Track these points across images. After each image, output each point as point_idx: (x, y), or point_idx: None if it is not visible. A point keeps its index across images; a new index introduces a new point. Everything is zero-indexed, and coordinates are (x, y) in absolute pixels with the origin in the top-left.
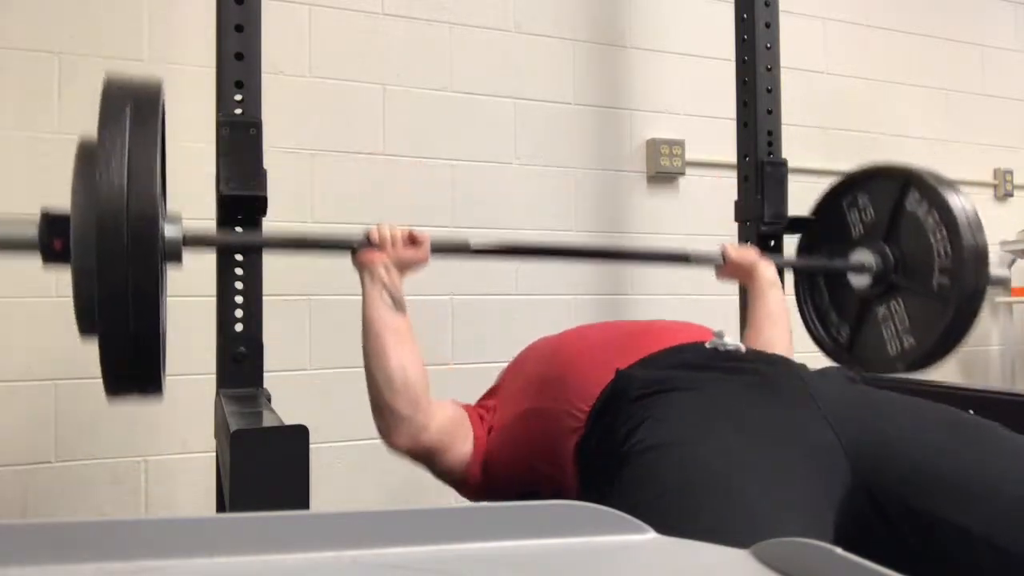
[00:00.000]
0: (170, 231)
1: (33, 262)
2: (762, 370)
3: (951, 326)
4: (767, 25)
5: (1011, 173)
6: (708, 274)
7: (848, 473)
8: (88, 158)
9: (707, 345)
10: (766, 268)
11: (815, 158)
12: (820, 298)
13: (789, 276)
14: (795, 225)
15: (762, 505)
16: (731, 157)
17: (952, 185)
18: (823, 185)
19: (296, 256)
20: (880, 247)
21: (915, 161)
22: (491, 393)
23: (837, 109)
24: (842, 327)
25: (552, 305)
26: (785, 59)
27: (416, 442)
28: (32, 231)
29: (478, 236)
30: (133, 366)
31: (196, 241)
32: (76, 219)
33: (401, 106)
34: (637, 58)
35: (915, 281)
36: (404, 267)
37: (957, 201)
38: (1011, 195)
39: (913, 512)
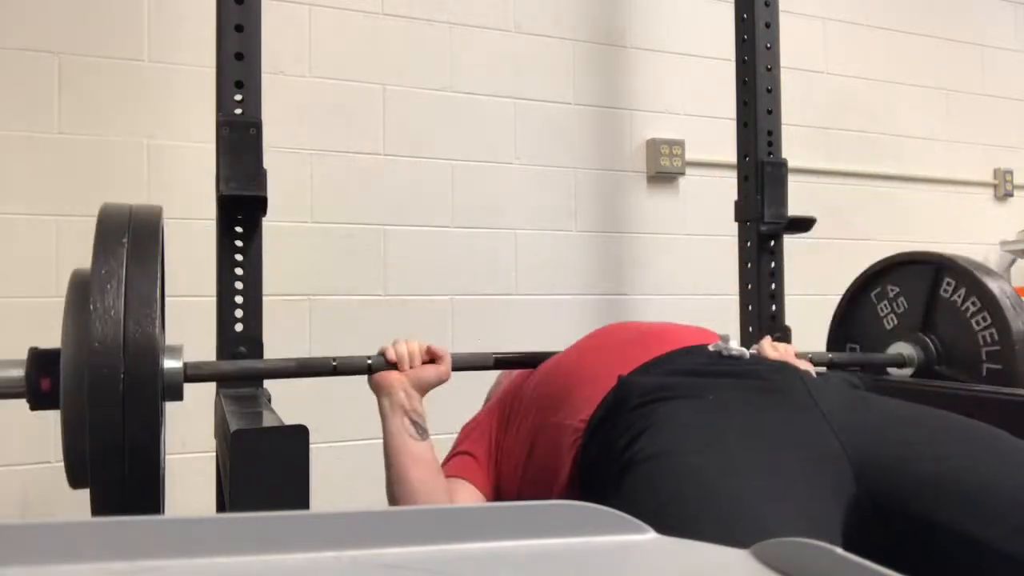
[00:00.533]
0: (170, 365)
1: (33, 264)
2: (765, 376)
3: None
4: (767, 25)
5: (1011, 173)
6: (708, 275)
7: (852, 480)
8: (81, 291)
9: (710, 348)
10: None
11: (815, 158)
12: None
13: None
14: (795, 225)
15: (766, 515)
16: (731, 157)
17: (986, 269)
18: (823, 185)
19: (296, 255)
20: (919, 338)
21: (916, 162)
22: (489, 414)
23: (837, 109)
24: None
25: (552, 305)
26: (785, 59)
27: None
28: (18, 373)
29: (500, 351)
30: None
31: (197, 375)
32: (67, 358)
33: (401, 106)
34: (637, 58)
35: (962, 371)
36: (424, 387)
37: (995, 285)
38: (1011, 195)
39: (916, 519)
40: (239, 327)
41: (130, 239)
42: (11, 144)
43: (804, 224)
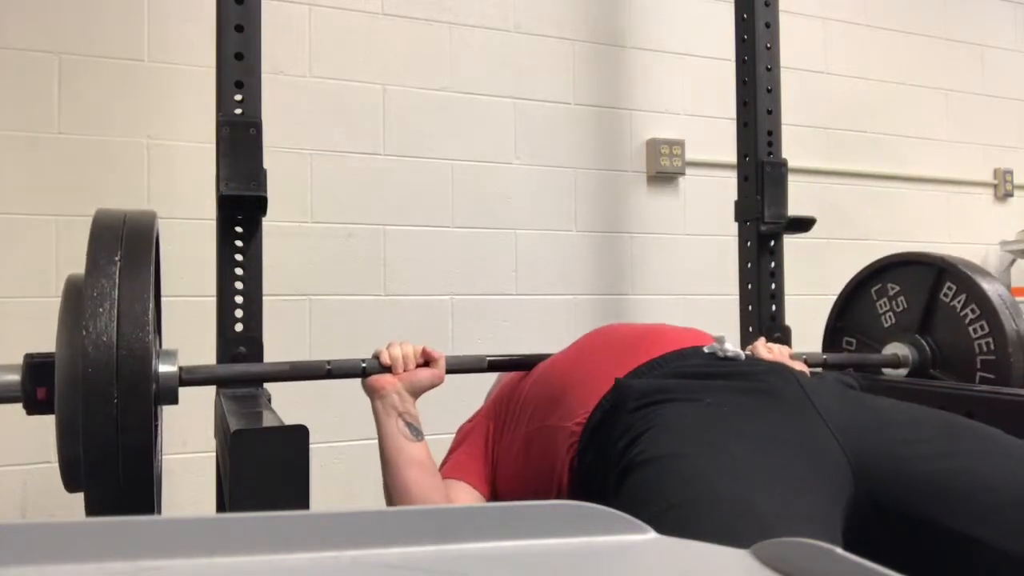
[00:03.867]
0: (164, 369)
1: (33, 265)
2: (762, 378)
3: None
4: (767, 25)
5: (1011, 173)
6: (708, 275)
7: (850, 480)
8: (75, 301)
9: (705, 350)
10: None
11: (815, 158)
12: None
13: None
14: (795, 225)
15: (768, 517)
16: (731, 157)
17: (985, 273)
18: (823, 185)
19: (296, 255)
20: (915, 340)
21: (915, 161)
22: (485, 416)
23: (837, 109)
24: None
25: (552, 305)
26: (785, 59)
27: None
28: (14, 378)
29: (493, 354)
30: None
31: (192, 379)
32: (61, 366)
33: (401, 106)
34: (637, 58)
35: (956, 377)
36: (418, 390)
37: (994, 291)
38: (1011, 195)
39: (915, 518)
40: (239, 327)
41: (123, 249)
42: (11, 144)
43: (804, 224)
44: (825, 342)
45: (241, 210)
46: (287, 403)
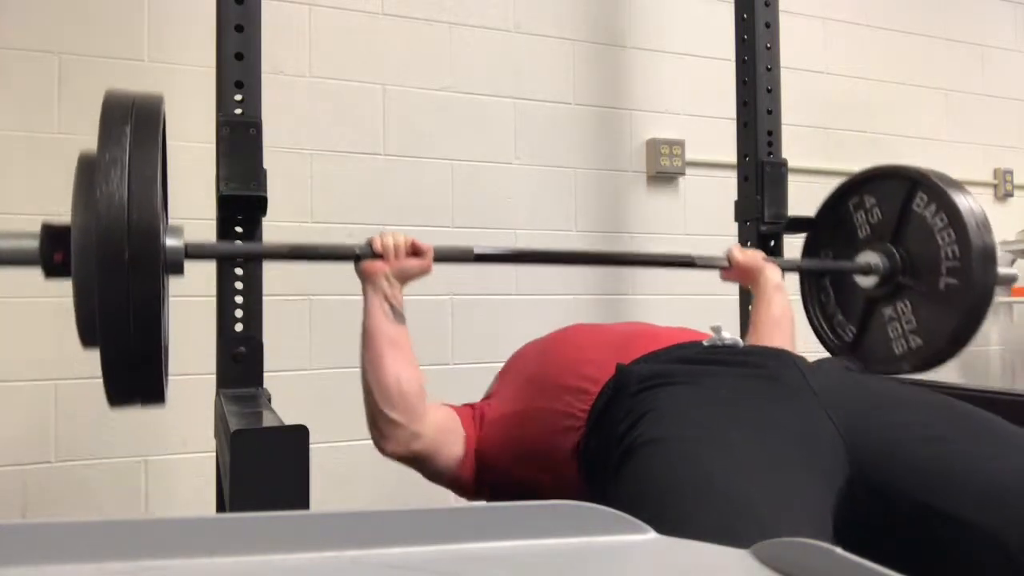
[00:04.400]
0: (171, 242)
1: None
2: (760, 363)
3: (959, 327)
4: (767, 25)
5: (1011, 173)
6: (709, 274)
7: (846, 464)
8: (88, 171)
9: (705, 343)
10: (772, 272)
11: (815, 158)
12: (826, 298)
13: (794, 275)
14: (795, 225)
15: (761, 503)
16: (731, 157)
17: (959, 186)
18: (823, 185)
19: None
20: (887, 248)
21: (915, 161)
22: (486, 397)
23: (837, 109)
24: (848, 326)
25: (552, 305)
26: (785, 59)
27: (408, 449)
28: (33, 244)
29: (481, 244)
30: (135, 377)
31: (197, 252)
32: (77, 232)
33: (401, 106)
34: (637, 58)
35: (922, 282)
36: (407, 277)
37: (965, 203)
38: (1011, 195)
39: (909, 501)
40: (239, 327)
41: (133, 122)
42: (11, 144)
43: (804, 224)
44: (804, 252)
45: (241, 210)
46: (287, 403)
